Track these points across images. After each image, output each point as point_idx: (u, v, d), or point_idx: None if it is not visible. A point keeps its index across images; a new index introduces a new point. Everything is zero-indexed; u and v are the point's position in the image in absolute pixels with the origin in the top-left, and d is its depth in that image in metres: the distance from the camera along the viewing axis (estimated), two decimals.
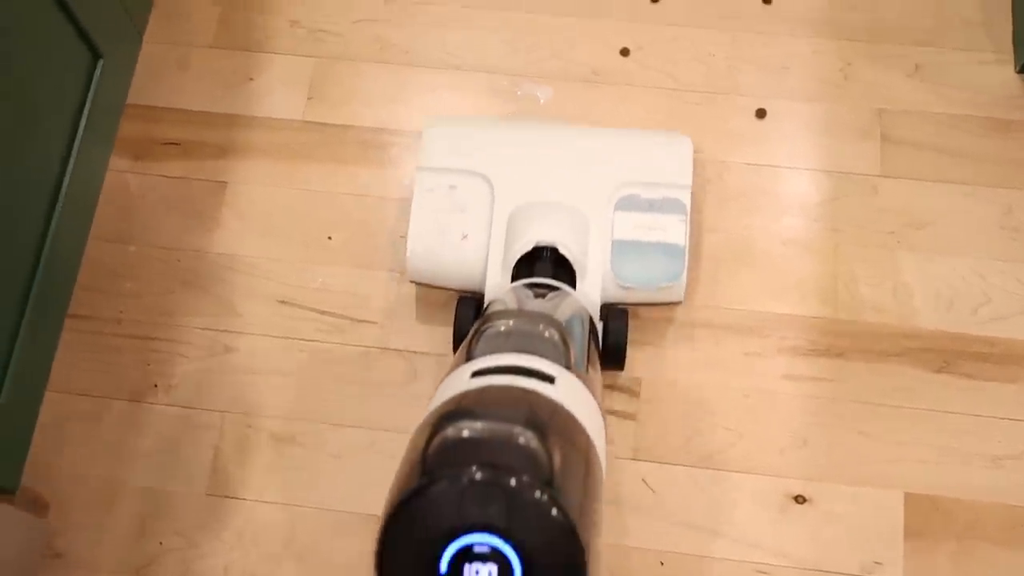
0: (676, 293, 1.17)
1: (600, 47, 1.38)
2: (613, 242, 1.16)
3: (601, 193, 1.18)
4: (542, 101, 1.35)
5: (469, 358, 0.83)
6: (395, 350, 1.23)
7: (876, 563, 1.13)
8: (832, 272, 1.26)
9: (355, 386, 1.22)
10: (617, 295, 1.16)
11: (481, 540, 0.59)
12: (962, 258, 1.26)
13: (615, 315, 1.14)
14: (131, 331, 1.25)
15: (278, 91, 1.38)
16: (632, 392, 1.20)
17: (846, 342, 1.22)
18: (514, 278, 1.14)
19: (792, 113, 1.34)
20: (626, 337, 1.13)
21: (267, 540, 1.16)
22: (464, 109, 1.36)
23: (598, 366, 1.06)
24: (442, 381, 0.82)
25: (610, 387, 1.20)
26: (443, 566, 0.59)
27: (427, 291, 1.24)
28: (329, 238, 1.29)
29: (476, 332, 0.92)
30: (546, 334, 0.90)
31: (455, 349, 1.12)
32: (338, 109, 1.36)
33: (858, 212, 1.28)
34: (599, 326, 1.13)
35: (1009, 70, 1.34)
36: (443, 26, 1.40)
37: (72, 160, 1.21)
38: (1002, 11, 1.38)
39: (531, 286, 1.10)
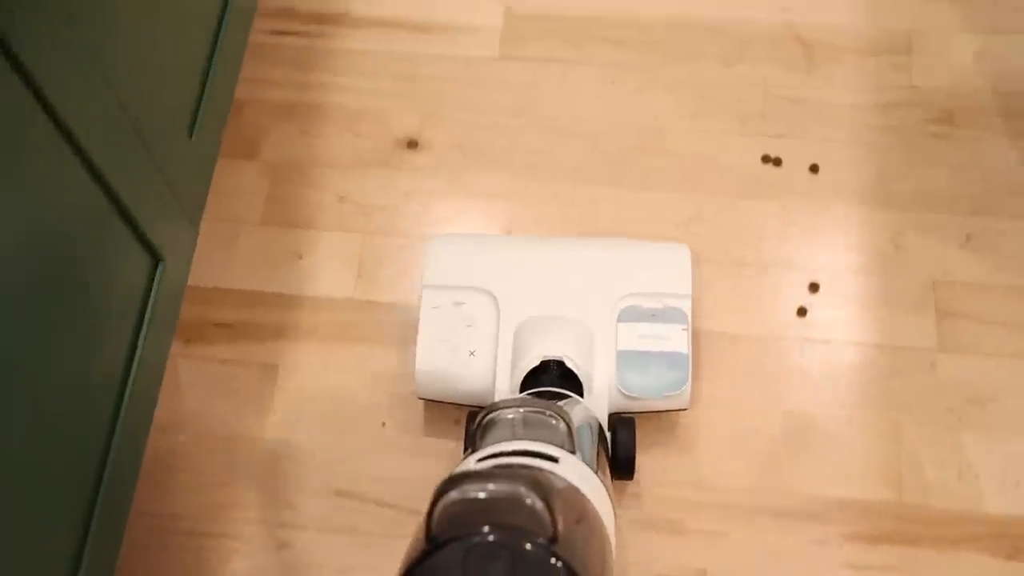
0: (681, 400, 1.18)
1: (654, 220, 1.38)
2: (617, 353, 1.18)
3: (603, 305, 1.20)
4: None
5: (475, 449, 0.86)
6: None
7: None
8: (895, 455, 1.24)
9: None
10: (623, 404, 1.18)
11: None
12: None
13: (623, 425, 1.14)
14: (189, 527, 1.24)
15: (328, 269, 1.37)
16: None
17: (914, 528, 1.20)
18: (521, 390, 1.15)
19: (845, 286, 1.34)
20: (634, 446, 1.13)
21: None
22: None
23: (608, 471, 1.06)
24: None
25: None
26: None
27: None
28: (383, 424, 1.28)
29: (479, 425, 0.94)
30: (552, 421, 0.92)
31: None
32: (388, 287, 1.36)
33: (917, 390, 1.27)
34: (607, 436, 1.14)
35: None
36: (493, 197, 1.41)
37: (137, 356, 1.18)
38: None
39: (539, 395, 1.11)
